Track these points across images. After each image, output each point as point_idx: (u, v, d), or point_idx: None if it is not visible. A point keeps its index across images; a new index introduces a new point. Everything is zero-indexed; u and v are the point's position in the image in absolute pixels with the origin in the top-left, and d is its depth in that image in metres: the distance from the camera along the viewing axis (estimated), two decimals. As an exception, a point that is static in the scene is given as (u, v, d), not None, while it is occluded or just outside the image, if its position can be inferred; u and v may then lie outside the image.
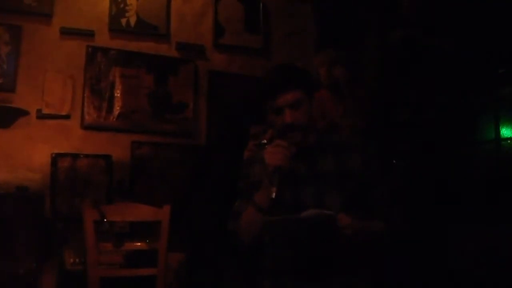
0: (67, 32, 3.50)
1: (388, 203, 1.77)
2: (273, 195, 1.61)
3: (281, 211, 1.60)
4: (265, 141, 2.65)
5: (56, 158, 3.37)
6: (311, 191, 1.73)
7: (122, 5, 3.66)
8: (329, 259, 1.67)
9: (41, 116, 3.38)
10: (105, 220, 2.64)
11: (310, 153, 1.78)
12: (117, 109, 3.56)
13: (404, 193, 2.32)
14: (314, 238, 1.64)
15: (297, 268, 1.71)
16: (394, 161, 3.09)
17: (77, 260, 2.90)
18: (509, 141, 2.91)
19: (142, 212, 2.78)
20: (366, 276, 1.75)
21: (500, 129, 2.94)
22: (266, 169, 1.67)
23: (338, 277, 1.68)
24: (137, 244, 3.03)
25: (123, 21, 3.67)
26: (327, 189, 1.72)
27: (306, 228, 1.58)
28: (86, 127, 3.48)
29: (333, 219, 1.55)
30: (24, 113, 3.34)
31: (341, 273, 1.69)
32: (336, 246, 1.63)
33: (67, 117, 3.45)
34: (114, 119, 3.55)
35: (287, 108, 1.70)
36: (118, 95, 3.58)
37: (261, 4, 4.07)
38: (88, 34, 3.56)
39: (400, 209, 1.79)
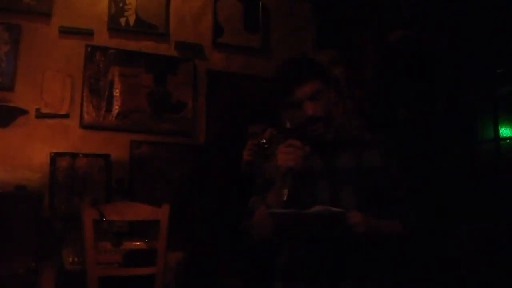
0: (66, 31, 3.50)
1: (406, 206, 1.70)
2: (285, 197, 1.55)
3: (295, 207, 1.52)
4: (264, 140, 2.64)
5: (55, 158, 3.36)
6: (327, 187, 1.67)
7: (121, 4, 3.66)
8: (342, 259, 1.61)
9: (40, 115, 3.37)
10: (104, 219, 2.63)
11: (328, 148, 1.71)
12: (116, 109, 3.55)
13: (423, 194, 2.27)
14: (320, 234, 1.58)
15: (309, 269, 1.65)
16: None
17: (76, 259, 2.90)
18: (508, 141, 2.92)
19: (141, 212, 2.77)
20: (382, 278, 1.68)
21: (499, 129, 2.95)
22: (278, 170, 1.60)
23: (353, 279, 1.62)
24: (136, 243, 3.03)
25: (122, 20, 3.66)
26: (343, 186, 1.66)
27: (311, 224, 1.53)
28: (85, 126, 3.48)
29: (342, 216, 1.48)
30: (23, 112, 3.33)
31: (356, 275, 1.62)
32: (347, 245, 1.57)
33: (66, 116, 3.44)
34: (113, 119, 3.55)
35: (307, 100, 1.63)
36: (117, 94, 3.57)
37: (260, 4, 4.06)
38: (87, 33, 3.55)
39: (418, 213, 1.72)
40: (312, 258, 1.65)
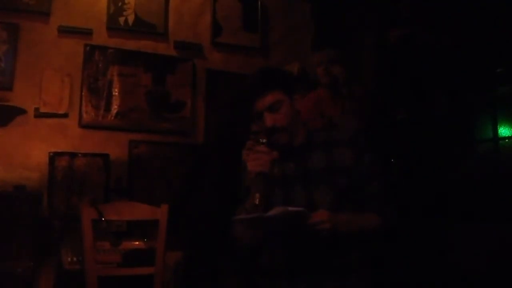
0: (65, 31, 3.49)
1: (381, 199, 1.76)
2: (257, 201, 1.63)
3: (269, 209, 1.59)
4: (264, 140, 2.64)
5: (53, 157, 3.36)
6: (301, 189, 1.74)
7: (120, 4, 3.65)
8: (321, 257, 1.67)
9: (38, 114, 3.37)
10: (103, 219, 2.63)
11: (299, 152, 1.78)
12: (115, 108, 3.55)
13: (399, 191, 2.31)
14: (285, 234, 1.67)
15: (288, 266, 1.71)
16: (392, 160, 3.09)
17: (74, 259, 2.89)
18: (507, 140, 2.92)
19: (139, 211, 2.76)
20: (362, 274, 1.73)
21: (498, 128, 2.95)
22: (249, 176, 1.69)
23: (331, 275, 1.68)
24: (134, 243, 3.02)
25: (121, 19, 3.66)
26: (317, 186, 1.73)
27: (275, 225, 1.60)
28: (83, 125, 3.48)
29: (304, 215, 1.56)
30: (21, 111, 3.33)
31: (335, 271, 1.68)
32: (316, 242, 1.63)
33: (64, 115, 3.44)
34: (112, 118, 3.54)
35: (266, 111, 1.72)
36: (116, 93, 3.57)
37: (259, 3, 4.06)
38: (86, 33, 3.55)
39: (394, 206, 1.78)
40: (291, 257, 1.71)
